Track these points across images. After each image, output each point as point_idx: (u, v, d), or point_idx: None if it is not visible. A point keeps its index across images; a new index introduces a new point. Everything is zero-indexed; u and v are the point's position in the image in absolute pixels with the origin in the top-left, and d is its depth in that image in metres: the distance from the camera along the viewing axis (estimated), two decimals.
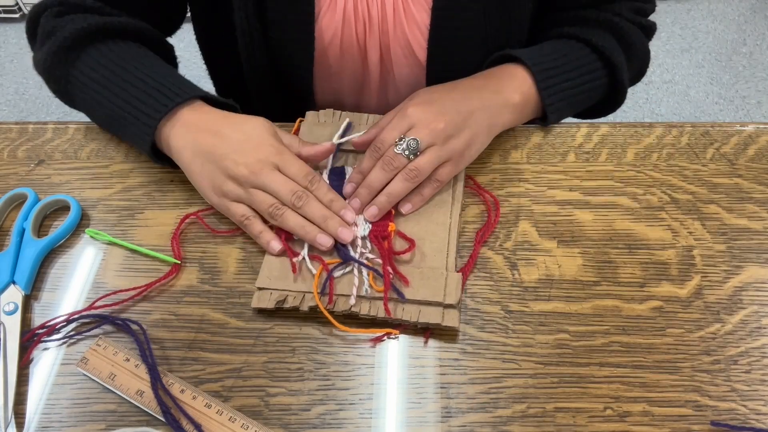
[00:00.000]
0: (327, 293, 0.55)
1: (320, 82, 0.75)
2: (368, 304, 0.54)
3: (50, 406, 0.52)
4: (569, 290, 0.56)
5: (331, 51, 0.71)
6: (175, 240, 0.60)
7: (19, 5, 2.16)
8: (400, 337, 0.54)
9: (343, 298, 0.55)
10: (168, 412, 0.49)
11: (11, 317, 0.55)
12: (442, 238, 0.58)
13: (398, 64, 0.72)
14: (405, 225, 0.60)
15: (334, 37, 0.69)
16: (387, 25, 0.69)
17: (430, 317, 0.53)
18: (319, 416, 0.50)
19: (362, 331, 0.54)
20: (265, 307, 0.55)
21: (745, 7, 2.23)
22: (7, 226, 0.63)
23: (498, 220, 0.61)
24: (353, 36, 0.69)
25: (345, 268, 0.56)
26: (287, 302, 0.55)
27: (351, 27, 0.69)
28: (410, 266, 0.56)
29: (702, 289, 0.56)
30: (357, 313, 0.54)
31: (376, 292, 0.54)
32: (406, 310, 0.54)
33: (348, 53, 0.71)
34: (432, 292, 0.54)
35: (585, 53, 0.69)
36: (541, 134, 0.68)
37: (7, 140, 0.70)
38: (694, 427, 0.49)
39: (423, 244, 0.58)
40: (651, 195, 0.63)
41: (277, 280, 0.56)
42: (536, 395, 0.51)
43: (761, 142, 0.67)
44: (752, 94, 1.95)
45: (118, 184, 0.65)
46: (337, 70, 0.74)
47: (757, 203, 0.62)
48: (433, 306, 0.54)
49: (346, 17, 0.68)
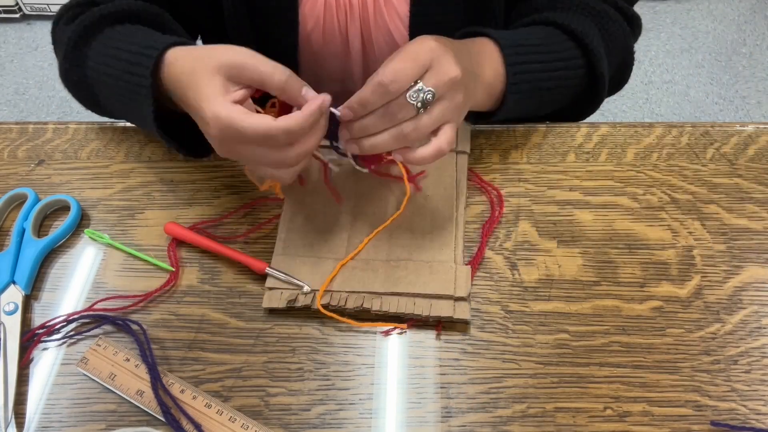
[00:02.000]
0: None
1: (305, 68, 0.76)
2: (379, 300, 0.55)
3: (50, 406, 0.52)
4: (569, 290, 0.56)
5: (314, 38, 0.72)
6: (171, 248, 0.60)
7: (19, 5, 2.16)
8: (400, 337, 0.54)
9: (353, 295, 0.55)
10: (168, 412, 0.49)
11: (11, 317, 0.55)
12: (450, 231, 0.59)
13: (380, 51, 0.73)
14: (410, 220, 0.60)
15: (316, 25, 0.70)
16: (368, 14, 0.70)
17: (442, 310, 0.54)
18: (319, 416, 0.50)
19: (370, 324, 0.54)
20: (276, 306, 0.55)
21: (745, 7, 2.23)
22: (7, 226, 0.63)
23: (503, 212, 0.61)
24: (335, 23, 0.70)
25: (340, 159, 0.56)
26: (298, 301, 0.55)
27: (332, 14, 0.70)
28: (419, 261, 0.57)
29: (702, 289, 0.56)
30: (369, 309, 0.54)
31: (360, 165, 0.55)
32: (418, 304, 0.54)
33: (330, 41, 0.72)
34: (442, 285, 0.55)
35: (561, 39, 0.64)
36: (541, 134, 0.68)
37: (7, 140, 0.70)
38: (694, 427, 0.49)
39: (431, 239, 0.58)
40: (651, 195, 0.63)
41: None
42: (536, 395, 0.51)
43: (761, 142, 0.67)
44: (752, 94, 1.95)
45: (118, 184, 0.65)
46: (321, 57, 0.74)
47: (757, 203, 0.62)
48: (444, 299, 0.54)
49: (328, 5, 0.69)
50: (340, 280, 0.56)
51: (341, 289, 0.55)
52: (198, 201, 0.63)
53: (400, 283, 0.55)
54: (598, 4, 0.67)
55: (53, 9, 2.14)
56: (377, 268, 0.57)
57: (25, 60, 2.11)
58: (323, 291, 0.55)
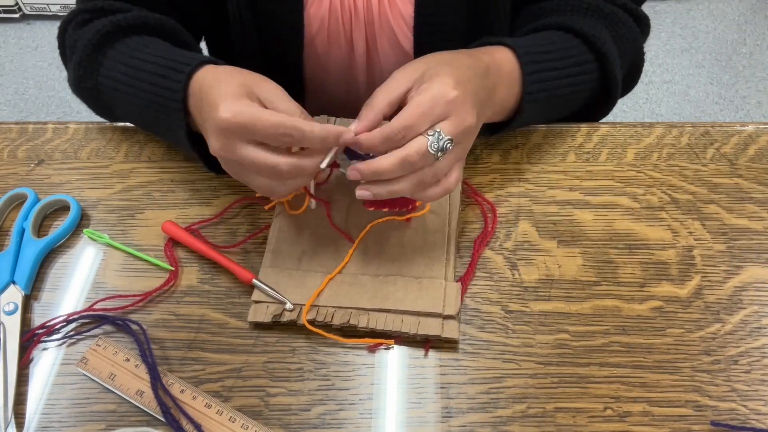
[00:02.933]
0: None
1: (310, 70, 0.76)
2: (366, 316, 0.54)
3: (50, 406, 0.52)
4: (569, 290, 0.56)
5: (319, 40, 0.71)
6: (167, 247, 0.60)
7: (19, 5, 2.16)
8: (409, 346, 0.54)
9: (340, 311, 0.54)
10: (168, 412, 0.49)
11: (11, 317, 0.55)
12: (441, 246, 0.58)
13: (384, 54, 0.72)
14: (402, 234, 0.59)
15: (321, 27, 0.70)
16: (372, 16, 0.69)
17: (430, 329, 0.53)
18: (319, 416, 0.50)
19: (356, 340, 0.54)
20: (261, 320, 0.54)
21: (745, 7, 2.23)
22: (7, 226, 0.63)
23: (495, 227, 0.61)
24: (339, 26, 0.70)
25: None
26: (284, 316, 0.54)
27: (337, 17, 0.70)
28: (409, 277, 0.56)
29: (702, 289, 0.56)
30: (355, 325, 0.54)
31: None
32: (405, 321, 0.53)
33: (335, 44, 0.72)
34: (431, 303, 0.54)
35: (574, 44, 0.63)
36: (541, 134, 0.68)
37: (7, 140, 0.70)
38: (694, 427, 0.49)
39: (422, 253, 0.57)
40: (651, 195, 0.63)
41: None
42: (536, 395, 0.51)
43: (761, 142, 0.67)
44: (752, 94, 1.95)
45: (118, 184, 0.65)
46: (325, 60, 0.74)
47: (757, 203, 0.62)
48: (433, 317, 0.53)
49: (333, 7, 0.69)
50: (328, 294, 0.55)
51: (328, 304, 0.55)
52: (197, 201, 0.63)
53: (389, 299, 0.54)
54: (607, 6, 0.66)
55: (53, 9, 2.14)
56: (365, 283, 0.56)
57: (25, 60, 2.10)
58: (309, 306, 0.54)
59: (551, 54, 0.62)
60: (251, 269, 0.57)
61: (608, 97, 0.67)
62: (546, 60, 0.61)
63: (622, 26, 0.66)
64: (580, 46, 0.63)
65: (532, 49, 0.61)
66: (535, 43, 0.62)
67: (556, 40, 0.63)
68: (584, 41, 0.63)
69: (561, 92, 0.63)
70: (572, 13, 0.66)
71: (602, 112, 0.71)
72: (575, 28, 0.64)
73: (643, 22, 0.70)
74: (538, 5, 0.70)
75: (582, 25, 0.63)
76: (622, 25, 0.66)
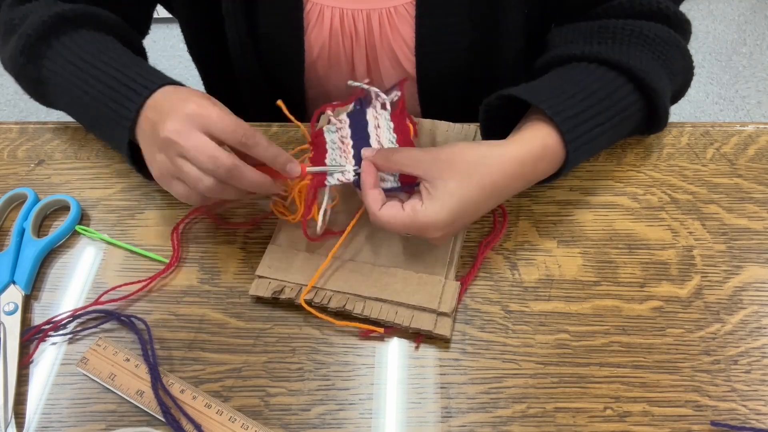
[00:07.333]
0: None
1: (311, 93, 0.76)
2: (362, 303, 0.54)
3: (50, 406, 0.52)
4: (569, 290, 0.56)
5: (320, 63, 0.72)
6: (175, 232, 0.60)
7: None
8: (401, 337, 0.54)
9: (338, 295, 0.55)
10: (168, 412, 0.49)
11: (11, 317, 0.55)
12: (446, 245, 0.58)
13: (386, 75, 0.72)
14: (407, 238, 0.59)
15: (321, 51, 0.70)
16: (374, 39, 0.69)
17: (423, 323, 0.53)
18: (319, 416, 0.50)
19: (347, 323, 0.54)
20: (261, 295, 0.55)
21: (745, 7, 2.23)
22: (7, 226, 0.63)
23: (504, 231, 0.60)
24: (340, 49, 0.70)
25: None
26: (284, 293, 0.55)
27: (338, 41, 0.69)
28: (410, 271, 0.56)
29: (702, 289, 0.56)
30: (351, 311, 0.54)
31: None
32: (400, 313, 0.54)
33: (336, 66, 0.72)
34: (427, 298, 0.54)
35: (618, 84, 0.59)
36: None
37: (7, 140, 0.70)
38: (694, 427, 0.49)
39: (427, 250, 0.57)
40: (651, 195, 0.63)
41: (278, 271, 0.56)
42: (536, 395, 0.51)
43: (761, 142, 0.67)
44: (752, 94, 1.95)
45: (118, 184, 0.65)
46: (326, 81, 0.74)
47: (757, 203, 0.62)
48: (427, 312, 0.54)
49: (333, 32, 0.68)
50: (330, 277, 0.56)
51: (328, 288, 0.55)
52: None
53: (386, 289, 0.55)
54: (649, 27, 0.61)
55: None
56: (368, 271, 0.56)
57: None
58: (311, 287, 0.55)
59: (594, 108, 0.57)
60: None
61: (654, 126, 0.64)
62: (590, 118, 0.57)
63: (668, 48, 0.62)
64: (625, 86, 0.59)
65: (575, 110, 0.56)
66: (577, 100, 0.57)
67: (594, 81, 0.59)
68: (629, 78, 0.59)
69: (604, 138, 0.60)
70: (614, 41, 0.61)
71: (647, 134, 0.67)
72: (619, 63, 0.59)
73: (686, 27, 0.65)
74: (575, 25, 0.65)
75: (628, 59, 0.59)
76: (668, 46, 0.62)
